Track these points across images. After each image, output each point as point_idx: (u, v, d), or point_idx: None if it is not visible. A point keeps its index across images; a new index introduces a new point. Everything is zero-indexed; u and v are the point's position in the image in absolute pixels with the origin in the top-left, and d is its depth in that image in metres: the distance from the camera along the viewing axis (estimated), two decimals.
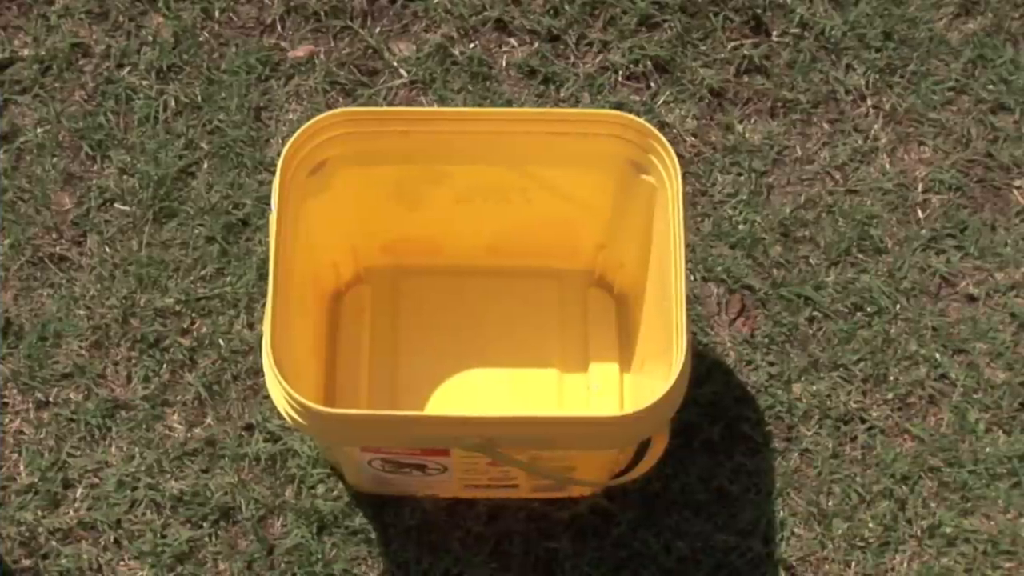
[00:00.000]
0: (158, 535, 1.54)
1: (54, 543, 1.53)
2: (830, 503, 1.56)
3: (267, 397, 1.47)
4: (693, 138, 1.72)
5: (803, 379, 1.61)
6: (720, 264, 1.66)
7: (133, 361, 1.61)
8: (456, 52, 1.75)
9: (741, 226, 1.68)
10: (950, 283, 1.66)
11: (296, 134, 1.38)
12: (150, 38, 1.75)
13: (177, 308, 1.63)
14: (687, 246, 1.40)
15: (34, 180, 1.69)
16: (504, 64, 1.75)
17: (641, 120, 1.39)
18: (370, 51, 1.76)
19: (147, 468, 1.56)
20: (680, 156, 1.45)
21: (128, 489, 1.56)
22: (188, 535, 1.54)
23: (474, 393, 1.57)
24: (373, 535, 1.54)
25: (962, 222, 1.69)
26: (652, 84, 1.74)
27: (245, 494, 1.55)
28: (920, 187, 1.70)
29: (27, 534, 1.54)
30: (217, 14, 1.77)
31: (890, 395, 1.61)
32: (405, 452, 1.39)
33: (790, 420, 1.59)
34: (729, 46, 1.76)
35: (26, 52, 1.75)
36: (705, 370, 1.60)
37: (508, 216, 1.53)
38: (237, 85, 1.73)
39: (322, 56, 1.75)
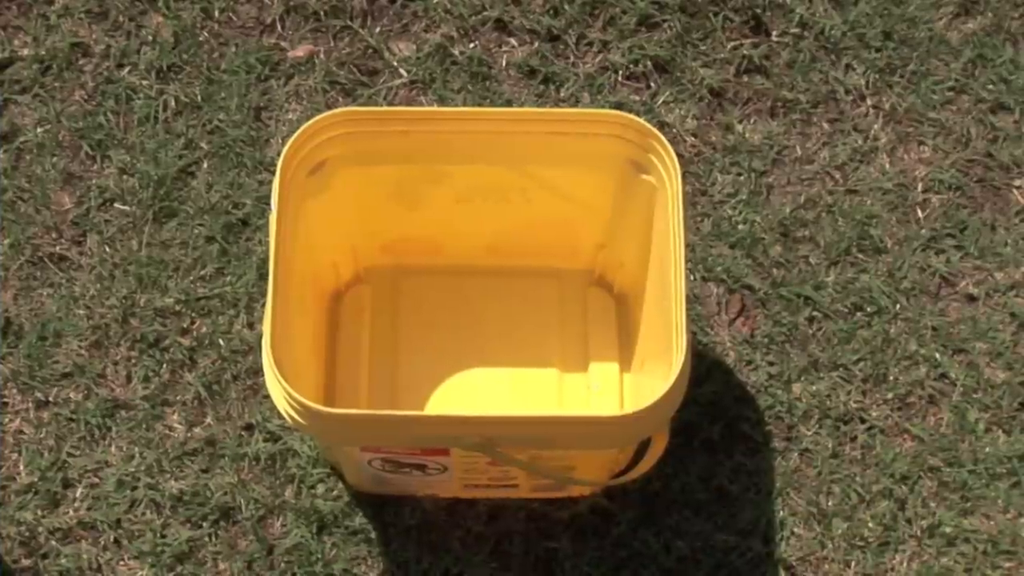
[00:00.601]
0: (158, 535, 1.54)
1: (54, 543, 1.53)
2: (830, 503, 1.56)
3: (267, 397, 1.47)
4: (693, 138, 1.72)
5: (803, 379, 1.61)
6: (720, 264, 1.66)
7: (133, 361, 1.61)
8: (456, 52, 1.75)
9: (741, 226, 1.68)
10: (950, 283, 1.66)
11: (296, 134, 1.38)
12: (150, 38, 1.75)
13: (177, 308, 1.63)
14: (687, 246, 1.40)
15: (34, 180, 1.69)
16: (504, 64, 1.75)
17: (641, 120, 1.39)
18: (370, 51, 1.76)
19: (147, 468, 1.56)
20: (680, 156, 1.45)
21: (128, 489, 1.56)
22: (188, 535, 1.54)
23: (474, 393, 1.57)
24: (373, 535, 1.54)
25: (962, 222, 1.69)
26: (652, 84, 1.74)
27: (245, 494, 1.55)
28: (920, 187, 1.70)
29: (27, 534, 1.53)
30: (217, 14, 1.77)
31: (890, 395, 1.61)
32: (405, 452, 1.39)
33: (790, 420, 1.59)
34: (729, 46, 1.76)
35: (26, 52, 1.74)
36: (705, 370, 1.60)
37: (508, 216, 1.53)
38: (237, 85, 1.73)
39: (322, 56, 1.75)
